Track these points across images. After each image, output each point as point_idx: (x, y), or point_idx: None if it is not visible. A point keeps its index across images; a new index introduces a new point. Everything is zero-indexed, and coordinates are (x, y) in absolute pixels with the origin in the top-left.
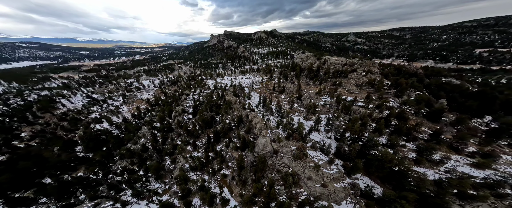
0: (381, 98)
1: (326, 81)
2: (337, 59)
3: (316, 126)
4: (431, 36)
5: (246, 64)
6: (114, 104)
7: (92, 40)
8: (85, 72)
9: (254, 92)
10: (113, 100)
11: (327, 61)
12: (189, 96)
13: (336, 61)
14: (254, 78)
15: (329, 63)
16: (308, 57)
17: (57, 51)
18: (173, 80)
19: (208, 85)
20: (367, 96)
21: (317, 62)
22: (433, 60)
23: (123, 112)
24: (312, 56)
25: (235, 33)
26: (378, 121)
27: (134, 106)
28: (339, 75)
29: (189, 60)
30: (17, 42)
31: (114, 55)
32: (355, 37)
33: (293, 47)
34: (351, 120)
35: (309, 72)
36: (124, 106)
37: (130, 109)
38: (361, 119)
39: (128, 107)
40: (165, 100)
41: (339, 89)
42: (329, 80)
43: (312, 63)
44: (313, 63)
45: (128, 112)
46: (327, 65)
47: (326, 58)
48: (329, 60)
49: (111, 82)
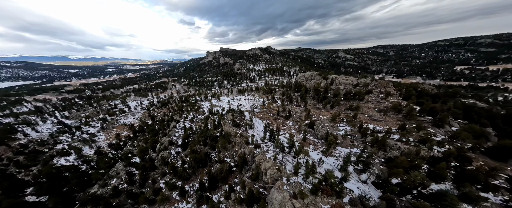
0: (419, 128)
1: (338, 105)
2: (346, 79)
3: (344, 166)
4: (411, 53)
5: (243, 81)
6: (90, 131)
7: (84, 58)
8: (67, 93)
9: (255, 117)
10: (89, 127)
11: (335, 81)
12: (179, 123)
13: (345, 81)
14: (254, 99)
15: (338, 83)
16: (312, 76)
17: (43, 70)
18: (163, 101)
19: (202, 108)
20: (401, 127)
21: (324, 81)
22: (421, 76)
23: (100, 141)
24: (317, 75)
25: (230, 49)
26: (433, 162)
27: (114, 133)
28: (353, 97)
29: (183, 77)
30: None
31: (105, 73)
32: (345, 54)
33: (289, 63)
34: (393, 160)
35: (316, 93)
36: (102, 133)
37: (109, 136)
38: (409, 159)
39: (106, 135)
40: (152, 126)
41: (358, 114)
42: (342, 103)
43: (318, 82)
44: (319, 82)
45: (106, 140)
46: (336, 85)
47: (333, 78)
48: (337, 80)
49: (92, 104)
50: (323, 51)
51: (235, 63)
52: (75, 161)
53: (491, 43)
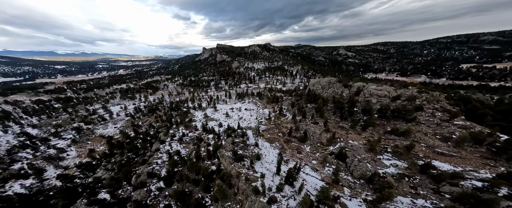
0: None
1: (373, 125)
2: (379, 89)
3: None
4: (412, 50)
5: (241, 82)
6: (59, 145)
7: (74, 53)
8: (45, 93)
9: (262, 139)
10: (59, 138)
11: (363, 91)
12: (164, 144)
13: (378, 92)
14: (257, 110)
15: (368, 94)
16: (331, 84)
17: (26, 66)
18: (151, 107)
19: (195, 120)
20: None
21: (346, 91)
22: (425, 75)
23: (69, 158)
24: (337, 82)
25: (228, 46)
26: None
27: (88, 148)
28: (395, 116)
29: (178, 75)
30: None
31: (94, 70)
32: (346, 51)
33: (290, 61)
34: None
35: (337, 106)
36: (73, 147)
37: (81, 152)
38: None
39: (78, 150)
40: (134, 140)
41: (406, 141)
42: (378, 123)
43: (339, 92)
44: (340, 92)
45: (77, 158)
46: (365, 96)
47: (360, 86)
48: (366, 90)
49: (67, 109)
50: (323, 48)
51: (232, 61)
52: (31, 187)
53: (494, 40)
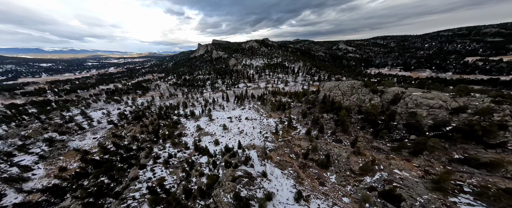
0: None
1: (430, 149)
2: (428, 96)
3: None
4: (414, 44)
5: (239, 81)
6: (25, 162)
7: (62, 50)
8: (22, 96)
9: (270, 163)
10: (25, 153)
11: (404, 98)
12: (145, 169)
13: (428, 100)
14: (260, 119)
15: (412, 103)
16: (354, 88)
17: (9, 65)
18: (137, 113)
19: (186, 134)
20: None
21: (375, 97)
22: (430, 69)
23: (35, 178)
24: (362, 87)
25: (224, 42)
26: None
27: (58, 165)
28: (465, 137)
29: (171, 73)
30: None
31: (83, 67)
32: (346, 46)
33: (291, 58)
34: None
35: (366, 119)
36: (41, 165)
37: (50, 171)
38: None
39: (47, 168)
40: (113, 156)
41: (493, 177)
42: (437, 147)
43: (366, 99)
44: (369, 100)
45: (45, 178)
46: (406, 106)
47: (398, 92)
48: (408, 97)
49: (39, 116)
50: (322, 42)
51: (229, 58)
52: None
53: (497, 32)
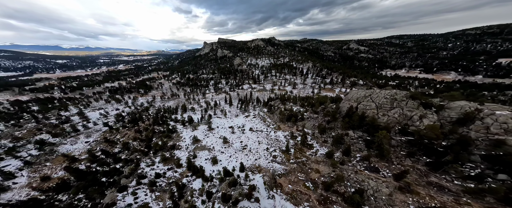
0: None
1: None
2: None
3: None
4: (435, 44)
5: (244, 81)
6: (10, 168)
7: (78, 47)
8: (30, 92)
9: (280, 194)
10: (13, 157)
11: (480, 118)
12: (125, 193)
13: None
14: (268, 131)
15: (500, 127)
16: (395, 101)
17: (28, 61)
18: (135, 115)
19: (180, 146)
20: None
21: (428, 114)
22: (455, 71)
23: (16, 188)
24: (408, 99)
25: (230, 40)
26: None
27: (43, 173)
28: None
29: (176, 72)
30: None
31: (95, 64)
32: (357, 45)
33: (299, 58)
34: None
35: (418, 143)
36: (25, 171)
37: (34, 179)
38: None
39: (32, 175)
40: (101, 165)
41: None
42: None
43: (411, 115)
44: (414, 115)
45: (26, 187)
46: (487, 129)
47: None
48: (490, 117)
49: (37, 115)
50: (331, 42)
51: (234, 57)
52: None
53: None
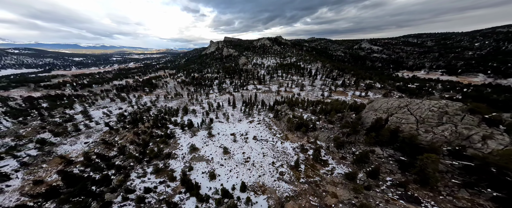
0: None
1: None
2: None
3: None
4: (458, 43)
5: (249, 82)
6: (7, 168)
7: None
8: (44, 88)
9: None
10: (12, 157)
11: None
12: None
13: None
14: (274, 140)
15: None
16: (446, 114)
17: (48, 58)
18: (136, 115)
19: (176, 155)
20: None
21: (495, 135)
22: (484, 73)
23: (8, 191)
24: (465, 113)
25: (236, 39)
26: None
27: (38, 175)
28: None
29: (182, 70)
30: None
31: (107, 62)
32: (370, 44)
33: (306, 57)
34: None
35: (480, 171)
36: (21, 173)
37: (27, 182)
38: None
39: (26, 177)
40: (95, 170)
41: None
42: None
43: (469, 134)
44: (473, 135)
45: (18, 191)
46: None
47: None
48: None
49: (43, 113)
50: (341, 41)
51: (240, 56)
52: None
53: None
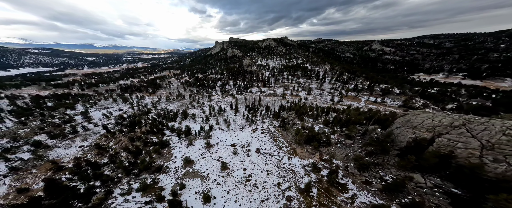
0: None
1: None
2: None
3: None
4: (482, 44)
5: (253, 84)
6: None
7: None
8: (53, 87)
9: None
10: (5, 160)
11: None
12: None
13: None
14: (279, 155)
15: None
16: None
17: (63, 58)
18: (133, 118)
19: (166, 169)
20: None
21: None
22: None
23: None
24: None
25: (241, 40)
26: None
27: (25, 182)
28: None
29: (186, 70)
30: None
31: (117, 62)
32: (382, 46)
33: (313, 59)
34: None
35: None
36: (8, 179)
37: (12, 188)
38: None
39: (14, 183)
40: (76, 184)
41: None
42: None
43: None
44: None
45: (3, 199)
46: None
47: None
48: None
49: (44, 114)
50: (349, 42)
51: (244, 57)
52: None
53: None
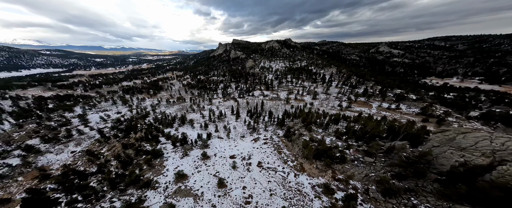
0: None
1: None
2: None
3: None
4: (498, 46)
5: (255, 87)
6: None
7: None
8: (58, 88)
9: None
10: None
11: None
12: None
13: None
14: (284, 172)
15: None
16: None
17: (73, 59)
18: (129, 123)
19: (155, 185)
20: None
21: None
22: None
23: None
24: None
25: (244, 42)
26: None
27: (9, 190)
28: None
29: (189, 72)
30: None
31: (124, 63)
32: (389, 48)
33: (318, 61)
34: None
35: None
36: None
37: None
38: None
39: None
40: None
41: None
42: None
43: None
44: None
45: None
46: None
47: None
48: None
49: (41, 116)
50: (355, 44)
51: (247, 59)
52: None
53: None
